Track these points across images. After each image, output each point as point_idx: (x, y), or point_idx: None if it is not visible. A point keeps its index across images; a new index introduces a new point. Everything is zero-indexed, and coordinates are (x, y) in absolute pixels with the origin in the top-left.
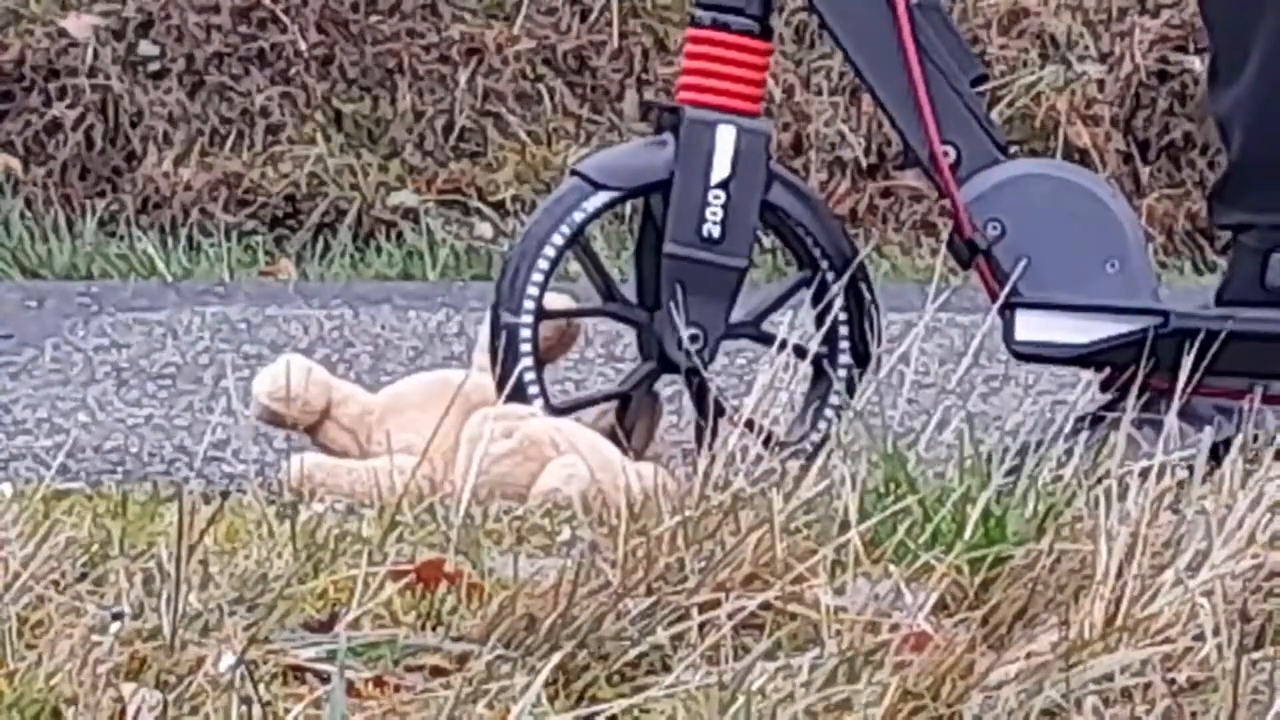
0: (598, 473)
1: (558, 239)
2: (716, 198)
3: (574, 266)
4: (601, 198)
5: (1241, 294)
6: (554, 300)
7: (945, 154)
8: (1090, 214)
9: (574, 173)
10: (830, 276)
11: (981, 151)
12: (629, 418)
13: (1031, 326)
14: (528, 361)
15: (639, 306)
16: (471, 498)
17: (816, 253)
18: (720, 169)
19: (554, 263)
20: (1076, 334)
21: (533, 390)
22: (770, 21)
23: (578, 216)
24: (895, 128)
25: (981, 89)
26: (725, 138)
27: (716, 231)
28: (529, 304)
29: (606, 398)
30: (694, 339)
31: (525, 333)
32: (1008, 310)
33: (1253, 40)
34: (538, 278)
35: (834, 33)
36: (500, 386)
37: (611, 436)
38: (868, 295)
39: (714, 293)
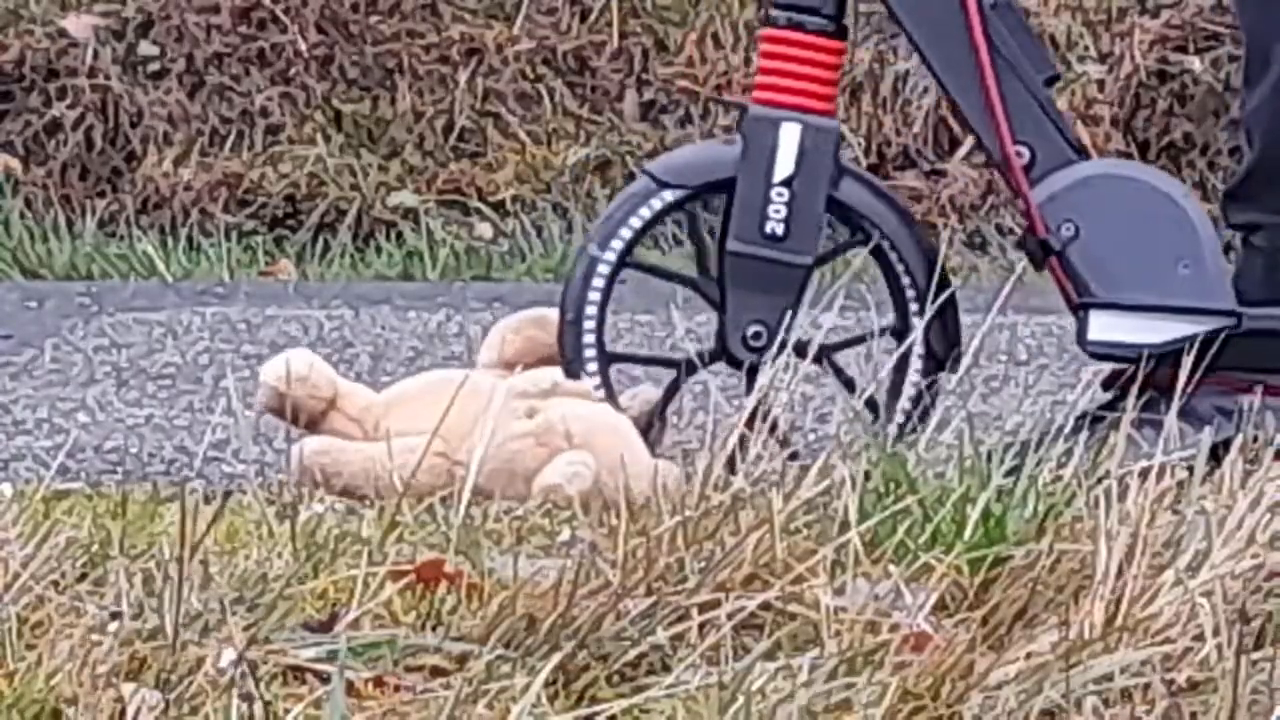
0: (630, 466)
1: (626, 232)
2: (780, 195)
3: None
4: (668, 195)
5: (1248, 293)
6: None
7: (1019, 154)
8: (1164, 214)
9: (643, 172)
10: (900, 269)
11: (1055, 152)
12: (643, 416)
13: (1104, 326)
14: (594, 297)
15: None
16: (472, 497)
17: (893, 258)
18: (784, 166)
19: (622, 255)
20: (1149, 334)
21: (588, 326)
22: (844, 21)
23: (657, 204)
24: (968, 128)
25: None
26: (789, 135)
27: (780, 229)
28: (617, 244)
29: (660, 361)
30: (757, 336)
31: (603, 269)
32: (1081, 310)
33: (1274, 44)
34: (627, 234)
35: (908, 32)
36: (562, 313)
37: (650, 424)
38: (946, 292)
39: (777, 290)
